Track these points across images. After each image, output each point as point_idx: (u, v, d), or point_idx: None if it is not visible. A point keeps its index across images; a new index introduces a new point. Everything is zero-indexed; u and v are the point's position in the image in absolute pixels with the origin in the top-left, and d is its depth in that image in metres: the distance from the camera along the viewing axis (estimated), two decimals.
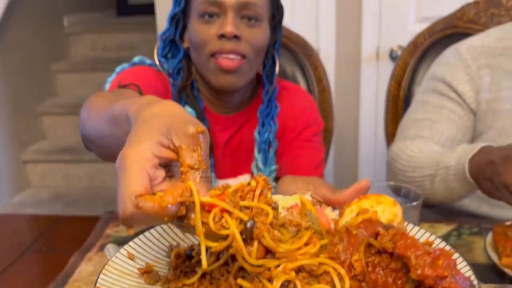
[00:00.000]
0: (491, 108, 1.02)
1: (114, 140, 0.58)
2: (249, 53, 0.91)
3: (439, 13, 1.71)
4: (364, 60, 1.89)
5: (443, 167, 0.91)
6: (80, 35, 3.29)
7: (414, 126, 1.07)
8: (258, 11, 0.91)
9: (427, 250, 0.39)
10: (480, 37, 1.09)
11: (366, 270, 0.41)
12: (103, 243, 0.88)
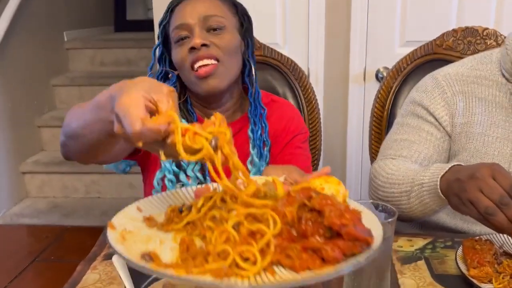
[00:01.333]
0: (464, 131, 1.10)
1: (99, 125, 0.72)
2: (221, 55, 1.02)
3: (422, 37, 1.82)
4: (351, 81, 1.98)
5: (417, 184, 0.98)
6: (79, 51, 3.36)
7: (394, 146, 1.14)
8: (221, 21, 1.03)
9: (339, 208, 0.53)
10: (455, 66, 1.17)
11: (296, 221, 0.53)
12: (106, 253, 0.95)
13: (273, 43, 1.93)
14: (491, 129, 1.08)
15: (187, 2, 1.05)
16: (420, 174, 0.98)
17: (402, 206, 1.02)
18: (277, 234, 0.52)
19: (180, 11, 1.04)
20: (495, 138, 1.08)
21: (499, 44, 1.36)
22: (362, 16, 1.90)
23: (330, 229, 0.52)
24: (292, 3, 1.93)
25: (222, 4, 1.06)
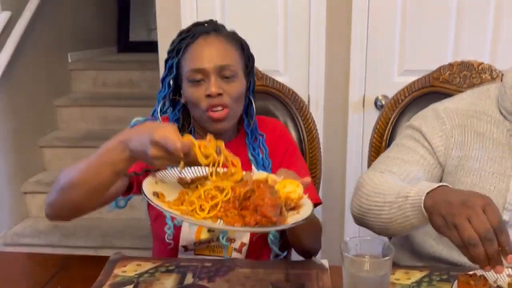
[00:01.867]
0: (461, 164, 1.12)
1: (105, 167, 0.92)
2: (231, 103, 1.13)
3: (420, 67, 1.88)
4: (351, 108, 2.02)
5: (402, 196, 0.97)
6: (82, 72, 3.41)
7: (386, 162, 1.16)
8: (233, 69, 1.12)
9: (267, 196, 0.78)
10: (455, 100, 1.19)
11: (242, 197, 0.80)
12: (112, 282, 0.98)
13: (275, 70, 1.99)
14: (488, 165, 1.10)
15: (203, 44, 1.12)
16: (406, 188, 0.98)
17: (382, 216, 1.02)
18: (226, 201, 0.81)
19: (196, 53, 1.12)
20: (491, 173, 1.10)
21: (494, 78, 1.40)
22: (362, 46, 1.95)
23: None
24: (293, 31, 1.99)
25: (233, 49, 1.15)
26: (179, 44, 1.14)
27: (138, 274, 1.01)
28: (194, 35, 1.13)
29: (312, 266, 1.03)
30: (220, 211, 0.80)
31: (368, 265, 0.77)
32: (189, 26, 1.18)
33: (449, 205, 0.84)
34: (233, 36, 1.18)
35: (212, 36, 1.14)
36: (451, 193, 0.88)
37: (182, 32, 1.17)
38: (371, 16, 1.93)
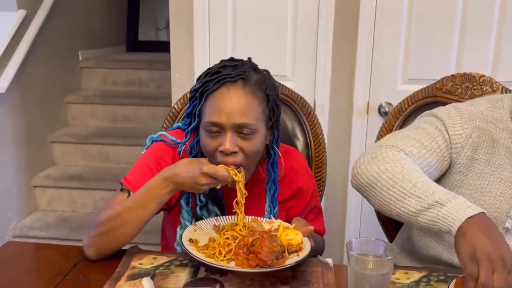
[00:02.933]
0: (472, 166, 1.15)
1: (153, 202, 1.09)
2: (245, 161, 1.11)
3: (423, 76, 1.95)
4: (355, 114, 2.09)
5: (438, 201, 0.97)
6: (92, 70, 3.48)
7: (405, 141, 1.15)
8: (252, 128, 1.08)
9: (266, 244, 0.98)
10: (472, 106, 1.20)
11: (249, 244, 1.00)
12: (130, 273, 1.04)
13: (283, 75, 2.06)
14: (498, 171, 1.14)
15: (225, 97, 1.08)
16: (443, 193, 0.98)
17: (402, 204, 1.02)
18: (237, 247, 1.02)
19: (216, 106, 1.08)
20: (500, 179, 1.14)
21: (494, 90, 1.46)
22: (368, 54, 2.02)
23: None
24: (302, 39, 2.05)
25: (257, 104, 1.10)
26: (204, 86, 1.11)
27: (154, 267, 1.08)
28: (219, 80, 1.09)
29: (318, 264, 1.10)
30: (232, 255, 1.02)
31: (371, 264, 0.84)
32: (218, 65, 1.13)
33: (486, 245, 0.86)
34: (260, 86, 1.11)
35: (238, 86, 1.08)
36: (490, 233, 0.89)
37: (209, 72, 1.12)
38: (377, 26, 2.00)
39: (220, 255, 1.01)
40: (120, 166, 3.06)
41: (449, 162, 1.18)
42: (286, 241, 1.02)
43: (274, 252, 0.97)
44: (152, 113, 3.24)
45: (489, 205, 1.14)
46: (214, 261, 1.00)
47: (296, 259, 0.99)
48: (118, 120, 3.28)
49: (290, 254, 1.02)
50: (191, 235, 1.10)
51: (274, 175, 1.21)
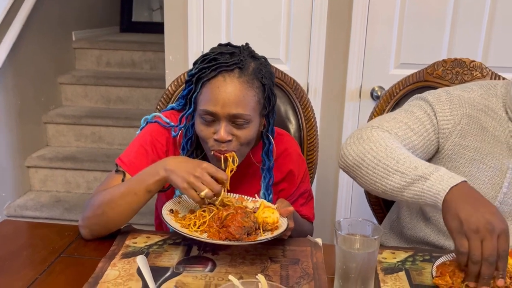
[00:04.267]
0: (461, 152, 1.17)
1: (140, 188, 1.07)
2: (238, 147, 1.13)
3: (415, 61, 1.97)
4: (348, 97, 2.11)
5: (421, 175, 0.99)
6: (86, 50, 3.47)
7: (392, 123, 1.17)
8: (246, 118, 1.10)
9: (238, 219, 1.00)
10: (465, 92, 1.21)
11: (223, 218, 1.02)
12: (124, 252, 1.07)
13: (276, 58, 2.07)
14: (487, 158, 1.16)
15: (221, 85, 1.08)
16: (425, 166, 1.01)
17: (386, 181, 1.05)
18: (212, 220, 1.04)
19: (212, 95, 1.09)
20: (489, 166, 1.17)
21: (484, 76, 1.48)
22: (361, 39, 2.03)
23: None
24: (296, 22, 2.06)
25: (252, 94, 1.10)
26: (200, 73, 1.11)
27: (148, 246, 1.10)
28: (215, 69, 1.09)
29: (307, 244, 1.13)
30: (206, 227, 1.04)
31: (358, 243, 0.87)
32: (215, 51, 1.13)
33: (470, 216, 0.89)
34: (256, 75, 1.11)
35: (234, 75, 1.09)
36: (474, 202, 0.92)
37: (205, 59, 1.12)
38: (371, 11, 2.00)
39: (194, 226, 1.04)
40: (113, 147, 3.07)
41: (436, 147, 1.20)
42: (261, 219, 1.04)
43: (244, 228, 1.00)
44: (145, 94, 3.24)
45: None
46: (188, 231, 1.02)
47: (267, 236, 1.01)
48: (111, 101, 3.28)
49: (264, 232, 1.03)
50: (173, 206, 1.12)
51: (269, 163, 1.23)
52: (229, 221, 1.00)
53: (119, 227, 1.14)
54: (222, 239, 0.99)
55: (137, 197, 1.07)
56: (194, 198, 1.02)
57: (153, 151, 1.20)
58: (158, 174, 1.05)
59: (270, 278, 0.98)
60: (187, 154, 1.20)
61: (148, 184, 1.06)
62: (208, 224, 1.03)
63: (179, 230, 1.01)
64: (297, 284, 0.96)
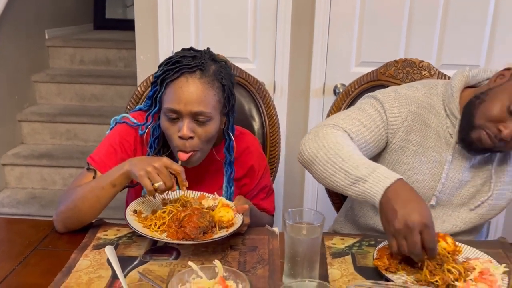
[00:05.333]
0: (406, 146, 1.28)
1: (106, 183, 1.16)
2: (201, 145, 1.22)
3: (375, 59, 2.08)
4: (312, 94, 2.21)
5: (361, 176, 1.08)
6: (59, 49, 3.50)
7: (347, 120, 1.26)
8: (207, 115, 1.19)
9: (194, 220, 1.09)
10: (410, 91, 1.31)
11: (181, 218, 1.10)
12: (95, 243, 1.16)
13: (244, 57, 2.17)
14: (428, 152, 1.28)
15: (183, 86, 1.17)
16: (366, 166, 1.10)
17: (334, 178, 1.14)
18: (171, 220, 1.11)
19: (175, 94, 1.18)
20: (429, 159, 1.28)
21: (432, 75, 1.61)
22: (323, 38, 2.14)
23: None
24: (262, 23, 2.15)
25: (213, 93, 1.20)
26: (164, 74, 1.21)
27: (118, 237, 1.19)
28: (178, 71, 1.18)
29: (265, 232, 1.23)
30: (165, 227, 1.12)
31: (305, 230, 0.97)
32: (178, 54, 1.22)
33: (395, 217, 0.99)
34: (216, 76, 1.21)
35: (195, 77, 1.17)
36: (400, 201, 1.01)
37: (169, 61, 1.21)
38: (333, 11, 2.11)
39: (155, 227, 1.12)
40: (89, 144, 3.13)
41: (385, 141, 1.31)
42: (217, 218, 1.12)
43: (200, 228, 1.08)
44: (119, 92, 3.30)
45: (419, 182, 1.29)
46: (149, 232, 1.10)
47: (221, 234, 1.09)
48: (85, 98, 3.33)
49: (220, 230, 1.12)
50: (137, 206, 1.20)
51: (230, 158, 1.33)
52: (185, 222, 1.09)
53: (91, 220, 1.23)
54: (180, 239, 1.08)
55: (104, 191, 1.16)
56: (147, 187, 1.09)
57: (122, 150, 1.29)
58: (122, 168, 1.14)
59: (229, 264, 1.08)
60: (154, 152, 1.30)
61: (113, 179, 1.15)
62: (168, 224, 1.11)
63: (140, 231, 1.09)
64: (253, 269, 1.07)
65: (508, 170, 1.29)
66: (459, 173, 1.28)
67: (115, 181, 1.15)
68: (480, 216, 1.31)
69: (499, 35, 2.09)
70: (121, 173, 1.14)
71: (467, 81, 1.29)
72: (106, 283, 1.00)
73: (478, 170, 1.29)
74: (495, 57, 2.11)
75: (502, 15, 2.07)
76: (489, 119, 1.17)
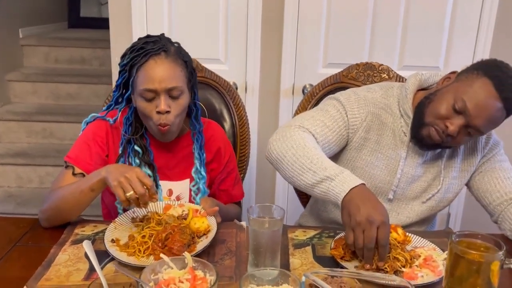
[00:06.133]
0: (365, 144, 1.39)
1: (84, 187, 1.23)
2: (176, 118, 1.33)
3: (341, 61, 2.19)
4: (282, 94, 2.31)
5: (328, 176, 1.17)
6: (34, 47, 3.51)
7: (311, 121, 1.35)
8: (180, 89, 1.31)
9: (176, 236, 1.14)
10: (370, 91, 1.42)
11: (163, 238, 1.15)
12: (73, 239, 1.23)
13: (216, 59, 2.25)
14: (385, 149, 1.39)
15: (154, 67, 1.28)
16: (332, 169, 1.19)
17: (302, 177, 1.23)
18: (154, 243, 1.14)
19: (149, 75, 1.28)
20: (386, 156, 1.39)
21: (390, 78, 1.72)
22: (292, 41, 2.24)
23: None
24: (233, 26, 2.24)
25: (179, 69, 1.32)
26: (132, 60, 1.30)
27: (94, 233, 1.27)
28: (146, 54, 1.29)
29: (233, 226, 1.33)
30: (150, 250, 1.15)
31: (266, 224, 1.07)
32: (140, 42, 1.33)
33: (358, 212, 1.08)
34: (178, 55, 1.33)
35: (162, 57, 1.29)
36: (363, 200, 1.10)
37: (134, 49, 1.31)
38: (301, 14, 2.21)
39: (140, 253, 1.14)
40: (65, 142, 3.16)
41: (346, 140, 1.41)
42: (194, 228, 1.21)
43: (185, 244, 1.14)
44: (95, 90, 3.34)
45: (377, 177, 1.40)
46: (136, 258, 1.12)
47: (204, 243, 1.17)
48: (61, 97, 3.36)
49: (199, 238, 1.20)
50: (112, 235, 1.21)
51: (199, 126, 1.45)
52: (170, 243, 1.13)
53: (73, 219, 1.31)
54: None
55: (83, 195, 1.24)
56: (120, 197, 1.14)
57: (95, 144, 1.38)
58: (100, 175, 1.21)
59: (200, 255, 1.17)
60: (130, 135, 1.40)
61: (92, 184, 1.22)
62: (152, 247, 1.14)
63: (126, 261, 1.11)
64: (221, 260, 1.16)
65: (456, 166, 1.41)
66: (412, 168, 1.40)
67: (93, 186, 1.22)
68: (431, 208, 1.43)
69: (456, 38, 2.23)
70: (98, 179, 1.21)
71: (420, 84, 1.40)
72: (84, 275, 1.08)
73: (429, 166, 1.41)
74: (452, 59, 2.25)
75: (459, 20, 2.21)
76: (437, 117, 1.28)
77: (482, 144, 1.41)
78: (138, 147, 1.39)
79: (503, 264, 0.87)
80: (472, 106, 1.22)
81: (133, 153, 1.39)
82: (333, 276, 1.03)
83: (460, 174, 1.42)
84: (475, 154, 1.41)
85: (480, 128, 1.25)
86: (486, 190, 1.38)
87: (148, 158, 1.41)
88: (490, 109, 1.22)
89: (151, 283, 0.94)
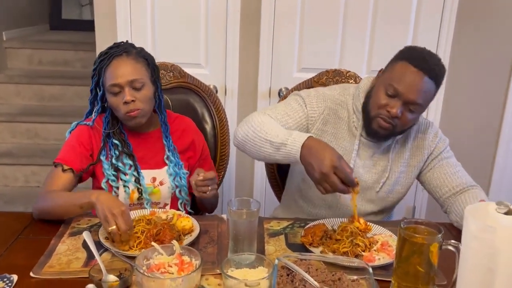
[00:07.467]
0: (322, 136, 1.54)
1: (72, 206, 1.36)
2: (142, 105, 1.50)
3: (314, 66, 2.36)
4: (259, 97, 2.47)
5: (281, 142, 1.35)
6: (17, 50, 3.58)
7: (274, 111, 1.52)
8: (141, 81, 1.49)
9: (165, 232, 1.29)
10: (330, 89, 1.61)
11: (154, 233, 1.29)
12: (71, 231, 1.37)
13: (197, 63, 2.39)
14: (340, 141, 1.56)
15: (116, 65, 1.47)
16: (285, 135, 1.36)
17: (263, 149, 1.40)
18: (146, 238, 1.27)
19: (112, 73, 1.47)
20: (341, 147, 1.54)
21: (357, 83, 1.89)
22: (269, 47, 2.39)
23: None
24: (213, 32, 2.38)
25: (140, 65, 1.50)
26: (100, 64, 1.50)
27: (89, 226, 1.41)
28: (110, 57, 1.48)
29: (215, 218, 1.48)
30: (143, 245, 1.26)
31: (244, 215, 1.22)
32: (107, 49, 1.52)
33: (313, 169, 1.26)
34: (140, 54, 1.52)
35: (124, 57, 1.48)
36: (311, 155, 1.28)
37: (101, 55, 1.51)
38: (276, 21, 2.37)
39: (133, 247, 1.26)
40: (50, 142, 3.25)
41: (306, 130, 1.56)
42: (181, 227, 1.35)
43: (174, 238, 1.27)
44: (78, 92, 3.43)
45: None
46: (132, 252, 1.24)
47: (190, 238, 1.32)
48: (45, 99, 3.44)
49: (185, 235, 1.34)
50: (106, 234, 1.29)
51: (163, 116, 1.62)
52: (162, 236, 1.27)
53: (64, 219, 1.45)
54: None
55: (73, 208, 1.37)
56: (105, 229, 1.26)
57: (80, 144, 1.54)
58: (89, 198, 1.31)
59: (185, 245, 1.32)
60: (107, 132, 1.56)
61: (81, 203, 1.34)
62: (144, 241, 1.27)
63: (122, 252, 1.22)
64: (204, 248, 1.31)
65: (403, 161, 1.58)
66: (363, 160, 1.56)
67: (83, 205, 1.34)
68: (383, 198, 1.60)
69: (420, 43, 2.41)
70: (87, 201, 1.31)
71: (372, 85, 1.57)
72: (82, 263, 1.22)
73: (379, 159, 1.58)
74: None
75: (421, 26, 2.39)
76: (379, 107, 1.45)
77: (429, 142, 1.58)
78: (117, 141, 1.56)
79: (441, 245, 1.04)
80: (401, 87, 1.39)
81: (113, 146, 1.55)
82: (302, 259, 1.18)
83: (408, 169, 1.59)
84: (422, 151, 1.58)
85: (416, 101, 1.40)
86: (436, 185, 1.56)
87: (128, 149, 1.57)
88: (416, 82, 1.38)
89: (143, 267, 1.09)
